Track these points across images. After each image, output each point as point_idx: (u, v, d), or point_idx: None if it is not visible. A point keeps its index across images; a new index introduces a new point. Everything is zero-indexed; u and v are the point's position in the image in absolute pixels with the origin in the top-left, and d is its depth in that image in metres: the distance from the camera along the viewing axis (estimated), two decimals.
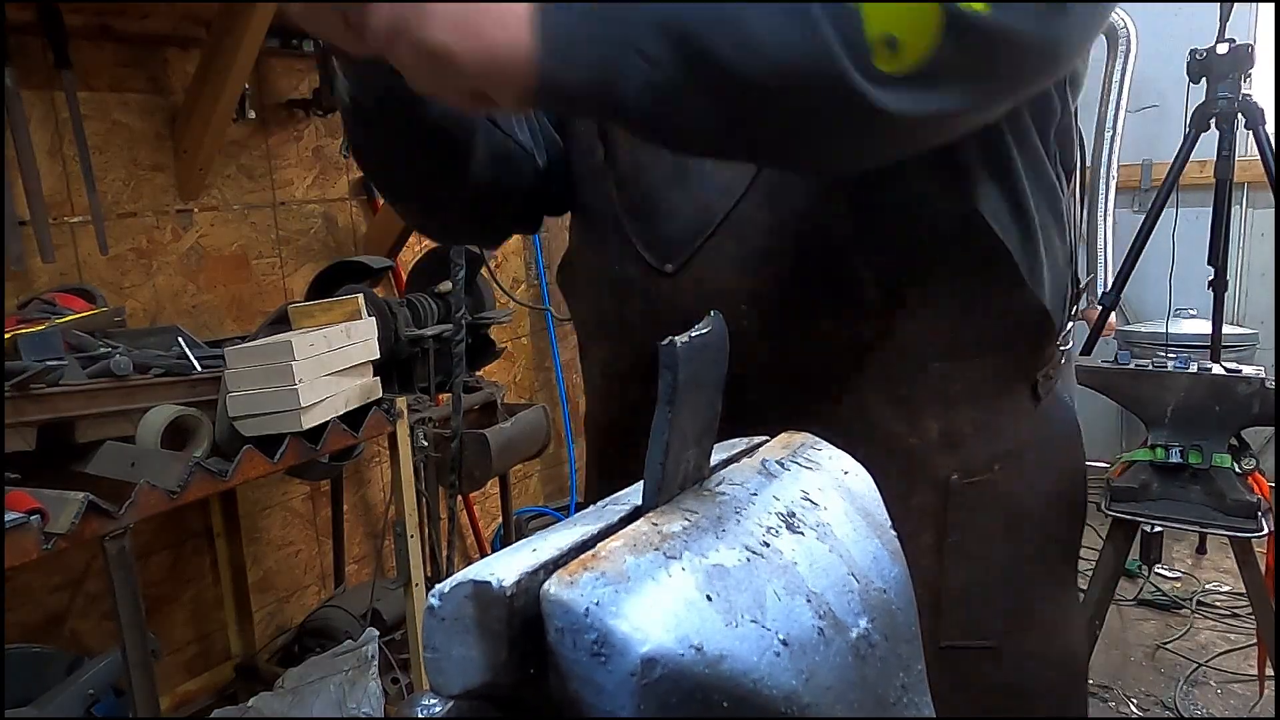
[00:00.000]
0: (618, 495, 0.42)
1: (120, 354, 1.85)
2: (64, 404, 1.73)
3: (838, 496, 0.44)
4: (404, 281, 2.99)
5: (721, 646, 0.34)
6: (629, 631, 0.33)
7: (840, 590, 0.40)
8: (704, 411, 0.41)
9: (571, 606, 0.34)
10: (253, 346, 1.94)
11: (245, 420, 1.90)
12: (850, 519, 0.43)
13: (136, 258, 2.43)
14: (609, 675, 0.34)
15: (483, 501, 3.52)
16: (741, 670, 0.35)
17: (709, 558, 0.37)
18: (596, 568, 0.35)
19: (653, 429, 0.39)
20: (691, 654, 0.34)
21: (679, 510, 0.39)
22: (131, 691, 1.73)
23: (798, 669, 0.36)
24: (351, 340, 2.08)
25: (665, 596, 0.35)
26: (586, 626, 0.34)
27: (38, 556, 1.51)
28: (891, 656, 0.41)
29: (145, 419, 1.82)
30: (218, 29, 2.32)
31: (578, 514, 0.41)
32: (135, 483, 1.67)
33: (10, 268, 2.09)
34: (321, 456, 2.11)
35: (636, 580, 0.35)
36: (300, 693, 2.36)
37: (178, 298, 2.53)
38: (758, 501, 0.41)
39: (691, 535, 0.38)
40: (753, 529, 0.39)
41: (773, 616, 0.36)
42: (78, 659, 2.02)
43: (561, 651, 0.35)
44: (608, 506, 0.41)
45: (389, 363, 2.40)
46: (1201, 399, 2.28)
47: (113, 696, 1.96)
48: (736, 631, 0.35)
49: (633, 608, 0.34)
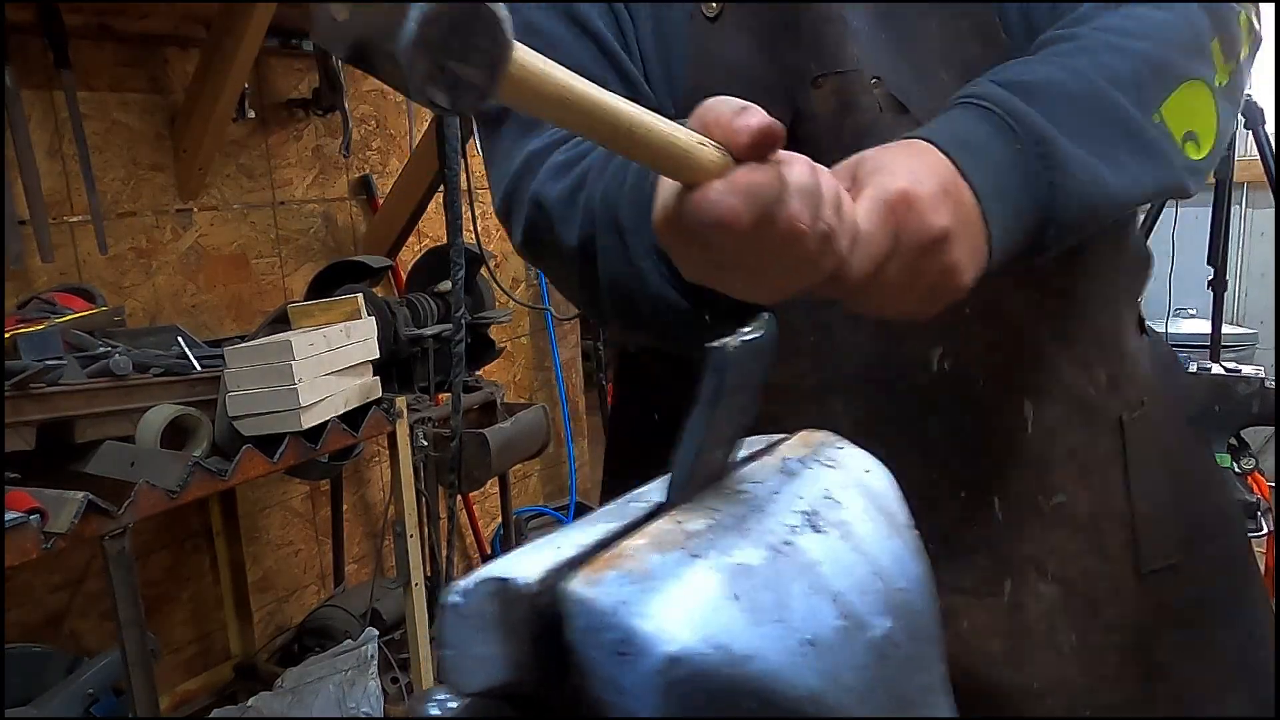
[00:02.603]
0: (638, 492, 0.42)
1: (120, 353, 1.85)
2: (63, 403, 1.73)
3: (859, 495, 0.44)
4: (404, 281, 2.98)
5: (747, 646, 0.34)
6: (653, 631, 0.33)
7: (863, 590, 0.39)
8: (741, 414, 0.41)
9: (595, 605, 0.34)
10: (252, 346, 1.93)
11: (245, 420, 1.89)
12: (871, 518, 0.43)
13: (136, 257, 2.43)
14: (632, 675, 0.33)
15: (482, 501, 3.51)
16: (767, 670, 0.34)
17: (733, 556, 0.37)
18: (621, 566, 0.34)
19: (686, 427, 0.39)
20: (717, 654, 0.33)
21: (702, 508, 0.39)
22: (131, 691, 1.73)
23: (822, 669, 0.36)
24: (351, 340, 2.08)
25: (690, 595, 0.34)
26: (610, 626, 0.33)
27: (37, 556, 1.50)
28: (914, 657, 0.41)
29: (145, 419, 1.81)
30: (217, 29, 2.32)
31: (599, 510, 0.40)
32: (135, 482, 1.66)
33: (10, 267, 2.09)
34: (321, 456, 2.11)
35: (661, 579, 0.34)
36: (300, 692, 2.36)
37: (177, 297, 2.52)
38: (780, 500, 0.41)
39: (715, 533, 0.37)
40: (775, 527, 0.39)
41: (797, 616, 0.36)
42: (77, 659, 2.01)
43: (583, 651, 0.34)
44: (630, 504, 0.40)
45: (389, 362, 2.39)
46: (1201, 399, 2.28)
47: (112, 696, 1.96)
48: (761, 631, 0.35)
49: (657, 607, 0.33)
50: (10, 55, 2.07)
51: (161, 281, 2.49)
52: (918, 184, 0.63)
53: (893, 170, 0.64)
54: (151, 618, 2.26)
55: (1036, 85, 0.71)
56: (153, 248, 2.46)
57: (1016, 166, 0.69)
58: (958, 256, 0.65)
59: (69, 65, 2.16)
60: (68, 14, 2.14)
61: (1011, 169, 0.69)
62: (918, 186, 0.63)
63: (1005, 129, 0.69)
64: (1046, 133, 0.69)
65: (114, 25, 2.27)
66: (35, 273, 2.19)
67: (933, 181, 0.64)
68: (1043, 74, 0.72)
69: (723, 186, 0.54)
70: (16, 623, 2.14)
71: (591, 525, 0.38)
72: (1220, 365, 2.37)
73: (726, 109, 0.55)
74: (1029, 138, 0.69)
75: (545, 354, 3.89)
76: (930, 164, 0.65)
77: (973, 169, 0.67)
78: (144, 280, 2.45)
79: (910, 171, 0.64)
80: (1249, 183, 4.04)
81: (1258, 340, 4.06)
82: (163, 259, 2.49)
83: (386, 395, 2.24)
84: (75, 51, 2.19)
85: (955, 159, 0.67)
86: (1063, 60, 0.74)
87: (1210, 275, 3.41)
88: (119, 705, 1.95)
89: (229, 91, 2.36)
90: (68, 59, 2.16)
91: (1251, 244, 4.34)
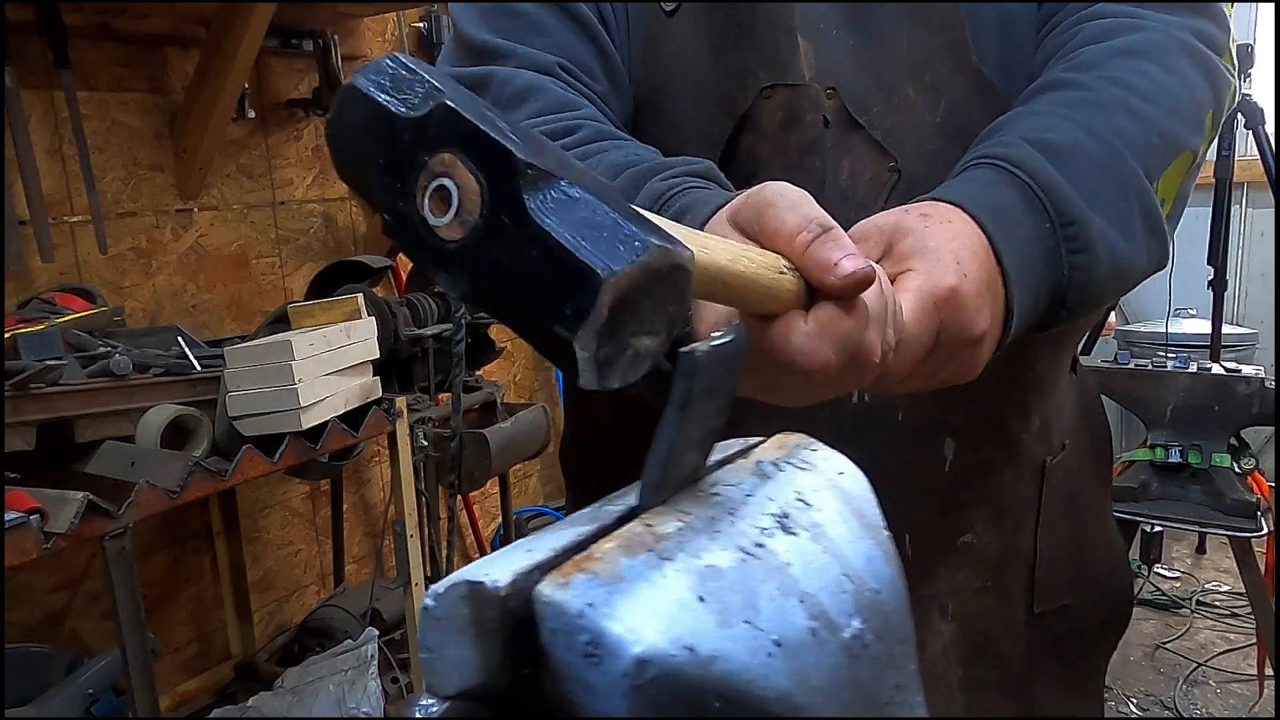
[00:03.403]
0: (613, 496, 0.42)
1: (120, 353, 1.86)
2: (63, 403, 1.74)
3: (832, 497, 0.44)
4: (404, 281, 2.99)
5: (714, 647, 0.34)
6: (622, 633, 0.33)
7: (834, 591, 0.40)
8: (712, 418, 0.41)
9: (564, 608, 0.34)
10: (252, 346, 1.94)
11: (245, 420, 1.90)
12: (844, 520, 0.43)
13: (136, 257, 2.44)
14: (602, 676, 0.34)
15: (482, 501, 3.52)
16: (734, 671, 0.35)
17: (702, 559, 0.37)
18: (590, 569, 0.35)
19: (659, 431, 0.39)
20: (684, 655, 0.34)
21: (673, 511, 0.39)
22: (131, 691, 1.74)
23: (791, 670, 0.36)
24: (351, 340, 2.08)
25: (658, 598, 0.35)
26: (579, 628, 0.34)
27: (37, 556, 1.51)
28: (884, 657, 0.41)
29: (145, 418, 1.82)
30: (217, 28, 2.33)
31: (573, 515, 0.41)
32: (135, 482, 1.67)
33: (10, 267, 2.09)
34: (321, 456, 2.11)
35: (630, 581, 0.35)
36: (300, 692, 2.36)
37: (177, 297, 2.53)
38: (752, 502, 0.41)
39: (685, 536, 0.38)
40: (746, 530, 0.39)
41: (766, 617, 0.36)
42: (77, 659, 2.02)
43: (554, 653, 0.35)
44: (603, 508, 0.41)
45: (389, 362, 2.40)
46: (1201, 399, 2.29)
47: (112, 696, 1.96)
48: (729, 632, 0.35)
49: (626, 609, 0.34)
50: (10, 55, 2.08)
51: (161, 281, 2.49)
52: (964, 280, 0.59)
53: (940, 257, 0.59)
54: (151, 618, 2.27)
55: (1063, 150, 0.68)
56: (153, 248, 2.47)
57: (1041, 243, 0.66)
58: (985, 351, 0.62)
59: (69, 65, 2.17)
60: (68, 14, 2.15)
61: (1036, 245, 0.66)
62: (965, 284, 0.59)
63: (1035, 203, 0.66)
64: (1077, 213, 0.66)
65: (114, 25, 2.28)
66: (35, 273, 2.20)
67: (979, 276, 0.61)
68: (1067, 136, 0.69)
69: (814, 330, 0.51)
70: (16, 623, 2.15)
71: (564, 529, 0.39)
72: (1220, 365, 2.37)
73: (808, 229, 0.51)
74: (1060, 218, 0.66)
75: None
76: (974, 250, 0.62)
77: (1006, 247, 0.63)
78: (144, 280, 2.46)
79: (958, 263, 0.60)
80: (1249, 183, 4.03)
81: (1258, 340, 4.05)
82: (163, 259, 2.50)
83: (386, 395, 2.24)
84: (75, 51, 2.20)
85: (990, 233, 0.63)
86: (1081, 117, 0.71)
87: (1210, 275, 3.40)
88: (119, 705, 1.96)
89: (229, 91, 2.37)
90: (68, 59, 2.17)
91: (1251, 244, 4.33)
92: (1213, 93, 0.78)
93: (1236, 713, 2.92)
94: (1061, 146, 0.68)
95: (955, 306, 0.59)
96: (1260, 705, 2.89)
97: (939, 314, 0.58)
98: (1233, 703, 2.97)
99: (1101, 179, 0.68)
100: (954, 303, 0.59)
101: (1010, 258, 0.63)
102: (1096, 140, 0.69)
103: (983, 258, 0.62)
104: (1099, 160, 0.69)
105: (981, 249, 0.62)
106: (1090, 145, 0.69)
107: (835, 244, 0.51)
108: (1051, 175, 0.67)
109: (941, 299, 0.58)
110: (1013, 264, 0.63)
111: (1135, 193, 0.70)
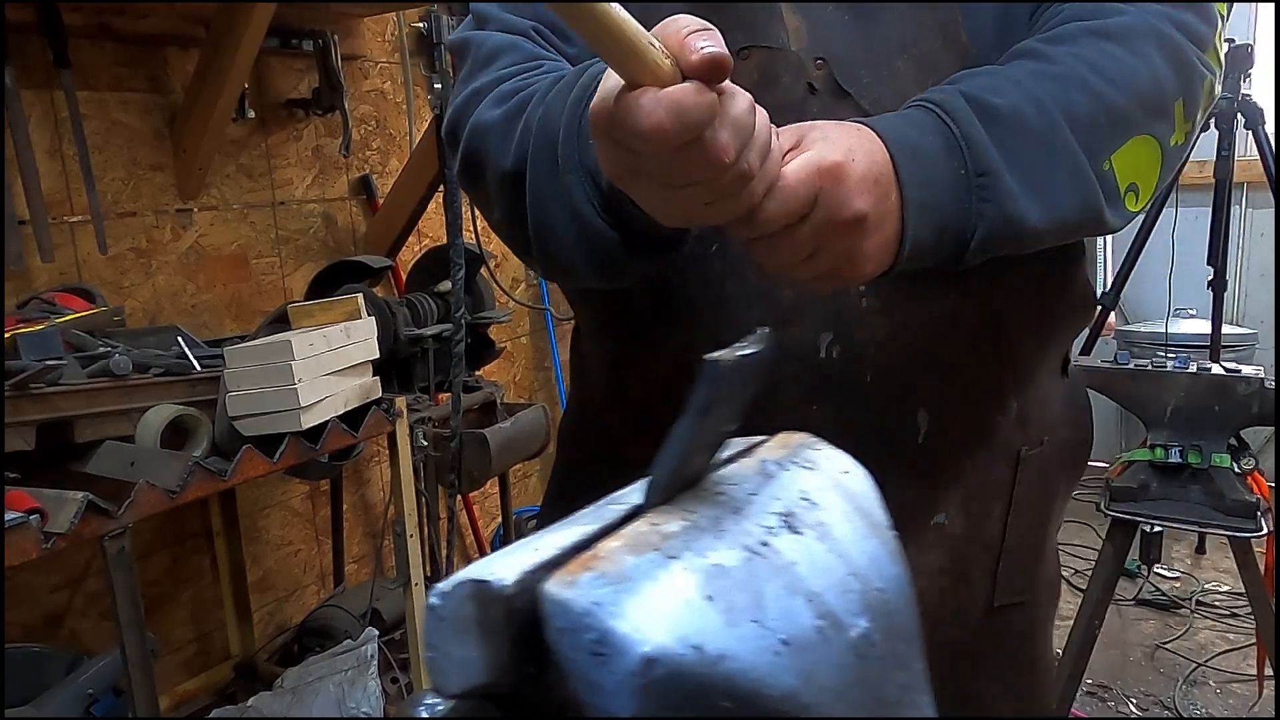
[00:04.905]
0: (616, 495, 0.42)
1: (119, 353, 1.85)
2: (63, 403, 1.73)
3: (836, 496, 0.44)
4: (403, 281, 2.99)
5: (721, 646, 0.34)
6: (629, 631, 0.33)
7: (839, 590, 0.40)
8: (726, 422, 0.41)
9: (571, 606, 0.34)
10: (252, 346, 1.94)
11: (245, 420, 1.90)
12: (849, 519, 0.43)
13: (136, 257, 2.43)
14: (609, 675, 0.34)
15: (482, 501, 3.52)
16: (741, 670, 0.35)
17: (708, 558, 0.37)
18: (596, 568, 0.35)
19: (673, 433, 0.39)
20: (691, 654, 0.34)
21: (678, 510, 0.39)
22: (131, 691, 1.73)
23: (797, 669, 0.36)
24: (351, 340, 2.08)
25: (665, 596, 0.35)
26: (586, 626, 0.34)
27: (37, 556, 1.51)
28: (891, 656, 0.41)
29: (144, 418, 1.82)
30: (217, 28, 2.32)
31: (577, 514, 0.41)
32: (135, 482, 1.67)
33: (9, 267, 2.09)
34: (321, 456, 2.11)
35: (636, 580, 0.35)
36: (300, 692, 2.36)
37: (177, 297, 2.53)
38: (756, 501, 0.41)
39: (690, 535, 0.38)
40: (751, 529, 0.39)
41: (773, 616, 0.36)
42: (77, 659, 2.02)
43: (561, 651, 0.35)
44: (607, 506, 0.41)
45: (389, 362, 2.40)
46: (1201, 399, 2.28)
47: (112, 696, 1.96)
48: (736, 631, 0.35)
49: (632, 607, 0.34)
50: (10, 55, 2.08)
51: (161, 281, 2.49)
52: (853, 163, 0.65)
53: (835, 143, 0.65)
54: (151, 618, 2.27)
55: (999, 112, 0.73)
56: (153, 248, 2.47)
57: (952, 188, 0.71)
58: (866, 246, 0.67)
59: (69, 65, 2.17)
60: (67, 14, 2.15)
61: (946, 189, 0.71)
62: (852, 165, 0.65)
63: (955, 149, 0.72)
64: (992, 166, 0.72)
65: (114, 25, 2.28)
66: (35, 273, 2.20)
67: (866, 167, 0.66)
68: (1010, 100, 0.74)
69: (658, 96, 0.55)
70: (16, 623, 2.15)
71: (569, 527, 0.39)
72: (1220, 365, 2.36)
73: (689, 25, 0.56)
74: (975, 166, 0.71)
75: (545, 354, 3.90)
76: (871, 152, 0.67)
77: (909, 176, 0.69)
78: (144, 280, 2.45)
79: (850, 150, 0.66)
80: (1249, 183, 4.04)
81: (1258, 340, 4.06)
82: (163, 259, 2.50)
83: (386, 395, 2.24)
84: (75, 51, 2.19)
85: (896, 160, 0.69)
86: (1032, 86, 0.75)
87: (1210, 275, 3.40)
88: (119, 705, 1.96)
89: (229, 91, 2.37)
90: (67, 59, 2.16)
91: (1251, 244, 4.34)
92: (1180, 82, 0.79)
93: (1236, 713, 2.92)
94: (1001, 107, 0.73)
95: (835, 179, 0.64)
96: (1260, 705, 2.89)
97: (819, 180, 0.63)
98: (1233, 703, 2.97)
99: (1030, 144, 0.73)
100: (835, 174, 0.64)
101: (912, 185, 0.69)
102: (1037, 109, 0.74)
103: (879, 162, 0.67)
104: (1034, 127, 0.73)
105: (881, 158, 0.68)
106: (1029, 112, 0.73)
107: (705, 35, 0.55)
108: (976, 129, 0.72)
109: (824, 169, 0.64)
110: (914, 196, 0.69)
111: (1066, 164, 0.74)
